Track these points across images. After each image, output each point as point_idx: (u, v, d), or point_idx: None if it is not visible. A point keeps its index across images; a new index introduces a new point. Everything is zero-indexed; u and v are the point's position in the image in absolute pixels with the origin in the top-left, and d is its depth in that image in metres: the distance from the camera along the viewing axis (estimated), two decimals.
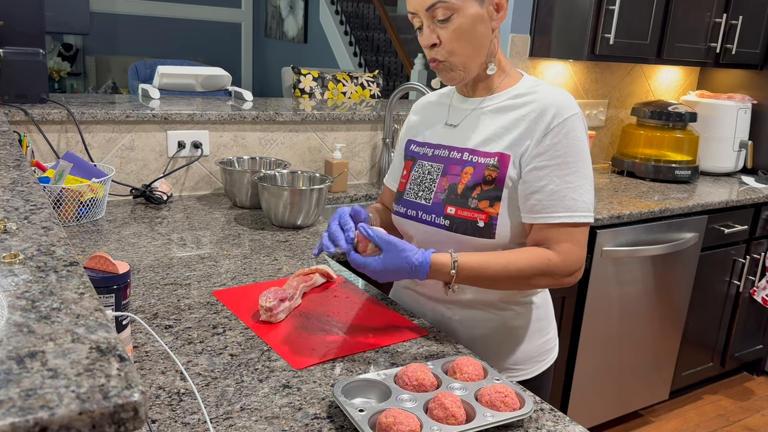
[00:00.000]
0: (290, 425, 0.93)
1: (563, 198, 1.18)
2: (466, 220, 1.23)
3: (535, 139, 1.20)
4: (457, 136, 1.31)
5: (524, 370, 1.36)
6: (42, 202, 0.86)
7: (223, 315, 1.27)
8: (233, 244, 1.69)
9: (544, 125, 1.19)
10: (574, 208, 1.18)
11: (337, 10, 6.67)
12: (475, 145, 1.27)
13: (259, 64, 8.13)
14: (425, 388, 0.99)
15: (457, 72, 1.24)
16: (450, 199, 1.26)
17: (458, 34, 1.19)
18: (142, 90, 2.45)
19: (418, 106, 1.47)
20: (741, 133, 3.15)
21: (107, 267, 1.01)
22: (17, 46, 1.88)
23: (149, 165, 2.08)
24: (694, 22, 2.87)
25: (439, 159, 1.32)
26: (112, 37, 7.25)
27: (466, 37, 1.20)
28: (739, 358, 3.19)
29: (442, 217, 1.26)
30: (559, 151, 1.18)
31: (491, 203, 1.22)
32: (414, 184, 1.34)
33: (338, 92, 3.90)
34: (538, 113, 1.20)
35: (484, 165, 1.24)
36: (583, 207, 1.19)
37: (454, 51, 1.21)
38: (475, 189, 1.23)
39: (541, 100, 1.22)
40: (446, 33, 1.19)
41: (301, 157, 2.35)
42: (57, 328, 0.53)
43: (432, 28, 1.20)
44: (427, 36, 1.20)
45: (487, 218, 1.22)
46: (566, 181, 1.18)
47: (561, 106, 1.20)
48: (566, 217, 1.18)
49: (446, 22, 1.18)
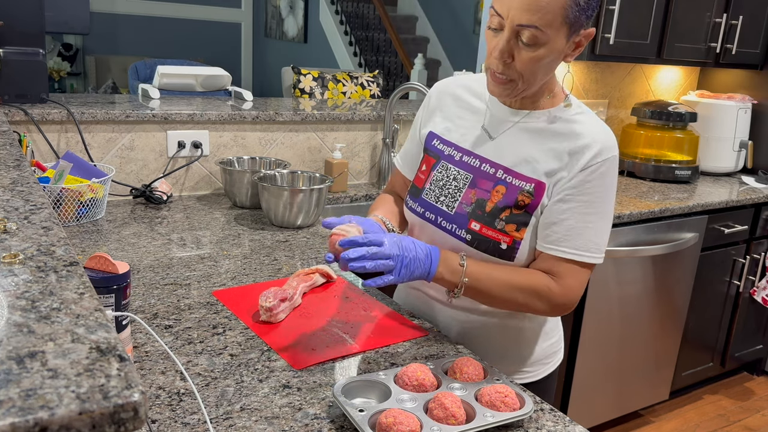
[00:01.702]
0: (290, 425, 0.93)
1: (579, 236, 1.16)
2: (490, 239, 1.20)
3: (572, 172, 1.17)
4: (492, 149, 1.24)
5: (530, 373, 1.35)
6: (42, 202, 0.86)
7: (223, 315, 1.27)
8: (233, 244, 1.69)
9: (584, 161, 1.16)
10: (586, 248, 1.17)
11: (337, 10, 6.67)
12: (512, 164, 1.21)
13: (259, 64, 8.13)
14: (425, 388, 0.99)
15: (516, 91, 1.16)
16: (476, 214, 1.21)
17: (536, 63, 1.11)
18: (142, 90, 2.45)
19: (441, 92, 1.36)
20: (741, 133, 3.15)
21: (107, 267, 1.01)
22: (17, 46, 1.88)
23: (149, 165, 2.08)
24: (694, 22, 2.87)
25: (469, 168, 1.25)
26: (112, 37, 7.25)
27: (542, 68, 1.13)
28: (739, 358, 3.19)
29: (464, 231, 1.22)
30: (589, 190, 1.16)
31: (518, 228, 1.19)
32: (435, 186, 1.28)
33: (338, 92, 3.90)
34: (582, 147, 1.16)
35: (518, 189, 1.19)
36: (595, 248, 1.18)
37: (524, 76, 1.13)
38: (504, 211, 1.20)
39: (588, 136, 1.17)
40: (524, 56, 1.10)
41: (301, 157, 2.35)
42: (57, 328, 0.53)
43: (511, 43, 1.09)
44: (502, 49, 1.10)
45: (510, 242, 1.19)
46: (587, 221, 1.17)
47: (605, 146, 1.17)
48: (577, 255, 1.17)
49: (529, 48, 1.09)
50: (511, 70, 1.12)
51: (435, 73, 6.62)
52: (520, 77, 1.13)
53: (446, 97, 1.34)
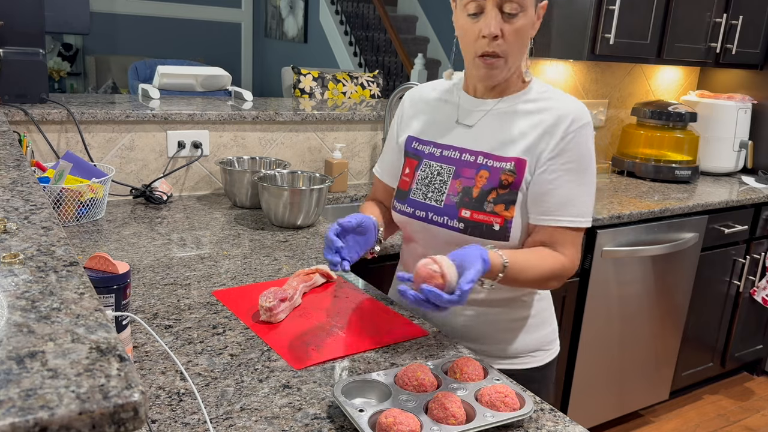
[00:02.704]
0: (290, 425, 0.93)
1: (571, 203, 1.22)
2: (482, 223, 1.24)
3: (551, 144, 1.22)
4: (470, 138, 1.30)
5: (533, 358, 1.38)
6: (42, 202, 0.86)
7: (223, 315, 1.27)
8: (233, 244, 1.69)
9: (560, 132, 1.22)
10: (579, 214, 1.23)
11: (337, 10, 6.67)
12: (491, 149, 1.27)
13: (259, 64, 8.13)
14: (425, 388, 0.99)
15: (504, 69, 1.23)
16: (464, 202, 1.26)
17: (519, 34, 1.19)
18: (142, 90, 2.45)
19: (413, 99, 1.43)
20: (741, 133, 3.15)
21: (107, 267, 1.01)
22: (17, 46, 1.88)
23: (149, 165, 2.08)
24: (694, 22, 2.87)
25: (450, 160, 1.30)
26: (112, 37, 7.25)
27: (522, 38, 1.20)
28: (739, 358, 3.19)
29: (456, 220, 1.26)
30: (571, 158, 1.22)
31: (506, 207, 1.23)
32: (421, 184, 1.32)
33: (338, 92, 3.90)
34: (555, 119, 1.23)
35: (500, 169, 1.24)
36: (586, 213, 1.24)
37: (512, 49, 1.20)
38: (491, 193, 1.24)
39: (558, 108, 1.24)
40: (510, 29, 1.18)
41: (301, 157, 2.35)
42: (57, 328, 0.53)
43: (498, 19, 1.17)
44: (495, 25, 1.16)
45: (502, 222, 1.23)
46: (574, 187, 1.22)
47: (577, 115, 1.23)
48: (572, 222, 1.23)
49: (513, 18, 1.17)
50: (501, 47, 1.18)
51: (435, 73, 6.62)
52: (507, 53, 1.20)
53: (418, 103, 1.41)
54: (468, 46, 1.23)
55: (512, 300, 1.34)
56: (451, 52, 1.38)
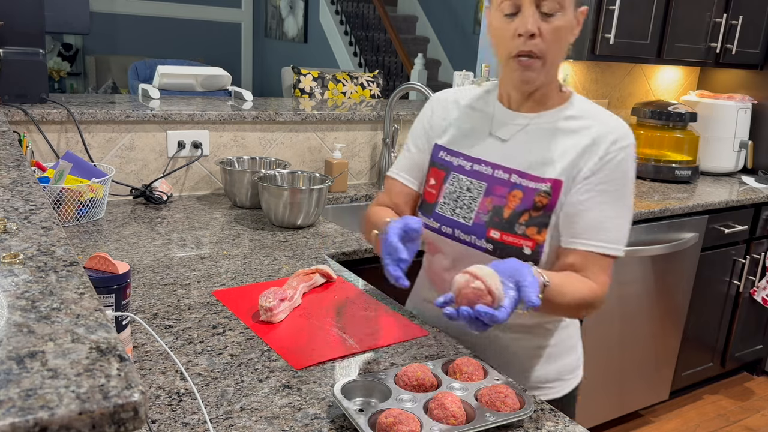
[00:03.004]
0: (290, 425, 0.93)
1: (604, 227, 1.15)
2: (511, 246, 1.17)
3: (589, 163, 1.16)
4: (503, 153, 1.22)
5: (554, 389, 1.31)
6: (42, 202, 0.86)
7: (223, 315, 1.27)
8: (233, 244, 1.69)
9: (601, 151, 1.16)
10: (612, 240, 1.15)
11: (337, 10, 6.67)
12: (526, 168, 1.19)
13: (259, 64, 8.13)
14: (425, 388, 0.99)
15: (541, 73, 1.15)
16: (494, 222, 1.19)
17: (557, 35, 1.12)
18: (142, 90, 2.45)
19: (443, 102, 1.34)
20: (741, 133, 3.15)
21: (107, 267, 1.01)
22: (17, 46, 1.88)
23: (149, 165, 2.08)
24: (694, 22, 2.87)
25: (481, 176, 1.23)
26: (112, 37, 7.25)
27: (561, 40, 1.14)
28: (739, 358, 3.19)
29: (484, 240, 1.19)
30: (609, 179, 1.15)
31: (539, 230, 1.17)
32: (449, 198, 1.25)
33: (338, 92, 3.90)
34: (596, 138, 1.16)
35: (535, 190, 1.17)
36: (619, 240, 1.16)
37: (550, 50, 1.13)
38: (523, 215, 1.17)
39: (601, 126, 1.18)
40: (548, 29, 1.11)
41: (301, 157, 2.35)
42: (57, 328, 0.53)
43: (535, 17, 1.10)
44: (531, 22, 1.10)
45: (534, 245, 1.16)
46: (609, 211, 1.15)
47: (620, 134, 1.17)
48: (604, 248, 1.15)
49: (550, 17, 1.11)
50: (538, 46, 1.11)
51: (435, 73, 6.62)
52: (545, 53, 1.12)
53: (449, 108, 1.32)
54: (502, 47, 1.16)
55: (535, 326, 1.27)
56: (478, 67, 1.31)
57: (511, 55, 1.14)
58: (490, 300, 0.96)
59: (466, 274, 0.99)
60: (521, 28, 1.11)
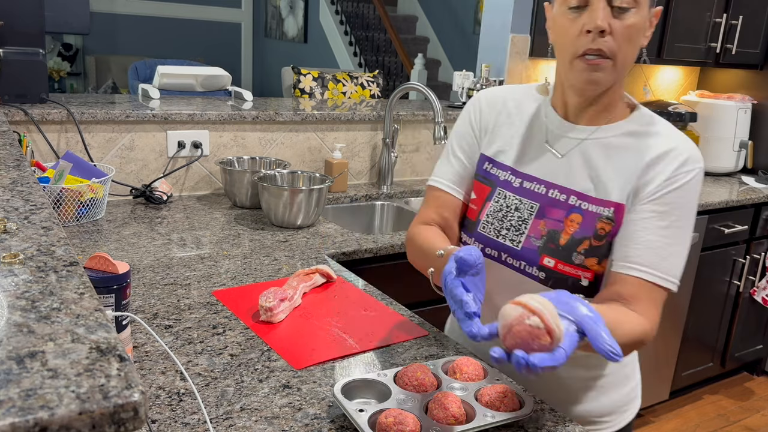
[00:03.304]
0: (290, 425, 0.93)
1: (660, 255, 1.02)
2: (567, 276, 1.06)
3: (652, 185, 1.04)
4: (560, 171, 1.09)
5: (608, 423, 1.20)
6: (42, 202, 0.86)
7: (223, 315, 1.27)
8: (233, 244, 1.69)
9: (669, 170, 1.03)
10: (668, 271, 1.02)
11: (337, 10, 6.67)
12: (586, 189, 1.07)
13: (259, 64, 8.13)
14: (425, 388, 0.99)
15: (610, 75, 1.02)
16: (548, 248, 1.07)
17: (630, 33, 1.00)
18: (142, 90, 2.45)
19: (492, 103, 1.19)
20: (741, 133, 3.15)
21: (107, 267, 1.01)
22: (17, 46, 1.88)
23: (149, 165, 2.08)
24: (694, 22, 2.87)
25: (533, 195, 1.10)
26: (112, 37, 7.25)
27: (633, 40, 1.02)
28: (739, 358, 3.19)
29: (536, 268, 1.08)
30: (672, 202, 1.03)
31: (599, 261, 1.05)
32: (493, 218, 1.13)
33: (338, 92, 3.90)
34: (661, 156, 1.04)
35: (596, 215, 1.05)
36: (675, 273, 1.03)
37: (621, 49, 1.00)
38: (582, 243, 1.05)
39: (670, 145, 1.05)
40: (620, 26, 0.99)
41: (301, 157, 2.35)
42: (57, 328, 0.53)
43: (606, 12, 0.99)
44: (602, 17, 0.98)
45: (592, 277, 1.05)
46: (668, 237, 1.02)
47: (689, 156, 1.04)
48: (661, 279, 1.02)
49: (624, 13, 0.99)
50: (607, 44, 0.99)
51: (435, 73, 6.62)
52: (615, 53, 1.00)
53: (499, 110, 1.18)
54: (566, 46, 1.03)
55: (585, 356, 1.14)
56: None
57: (577, 54, 1.01)
58: (549, 342, 0.79)
59: (518, 305, 0.81)
60: (590, 24, 0.99)
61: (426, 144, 2.63)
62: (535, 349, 0.78)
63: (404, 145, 2.58)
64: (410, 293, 1.76)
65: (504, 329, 0.81)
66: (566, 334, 0.81)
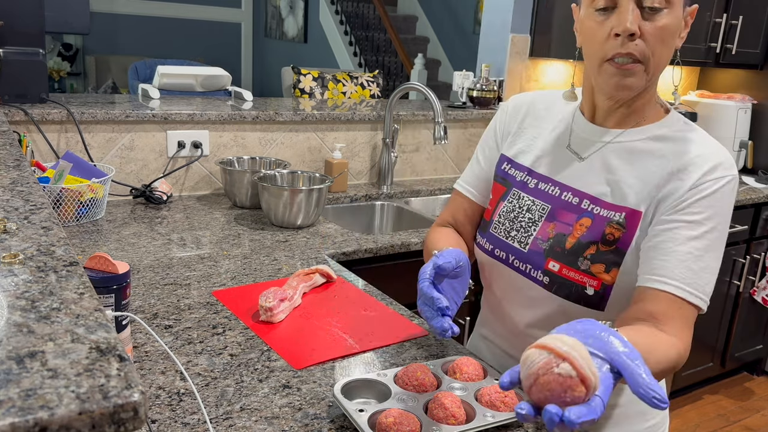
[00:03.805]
0: (290, 425, 0.93)
1: (691, 269, 0.94)
2: (572, 282, 1.02)
3: (677, 193, 0.97)
4: (577, 174, 1.06)
5: None
6: (42, 202, 0.86)
7: (223, 315, 1.27)
8: (233, 244, 1.69)
9: (696, 176, 0.96)
10: (701, 288, 0.94)
11: (337, 10, 6.67)
12: (601, 193, 1.03)
13: (259, 64, 8.13)
14: (425, 388, 0.99)
15: (642, 79, 0.97)
16: (554, 252, 1.03)
17: (663, 35, 0.95)
18: (142, 90, 2.45)
19: (518, 106, 1.17)
20: (741, 133, 3.15)
21: (107, 267, 1.01)
22: (17, 45, 1.88)
23: (149, 165, 2.08)
24: (694, 22, 2.87)
25: (546, 197, 1.07)
26: (112, 37, 7.25)
27: (666, 42, 0.96)
28: (739, 358, 3.19)
29: (541, 272, 1.05)
30: (703, 211, 0.95)
31: (607, 268, 0.99)
32: (506, 219, 1.11)
33: (338, 92, 3.90)
34: (688, 162, 0.98)
35: (606, 220, 1.01)
36: (706, 291, 0.95)
37: (654, 52, 0.95)
38: (589, 247, 1.01)
39: (696, 150, 0.99)
40: (652, 28, 0.94)
41: (301, 157, 2.35)
42: (57, 328, 0.53)
43: (636, 14, 0.93)
44: (631, 20, 0.93)
45: (599, 286, 1.00)
46: (700, 249, 0.94)
47: (719, 162, 0.97)
48: (690, 294, 0.94)
49: (655, 14, 0.94)
50: (638, 48, 0.94)
51: (435, 73, 6.62)
52: (646, 57, 0.95)
53: (523, 112, 1.17)
54: (594, 50, 0.98)
55: None
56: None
57: (606, 58, 0.96)
58: (584, 392, 0.66)
59: (543, 350, 0.68)
60: (619, 27, 0.94)
61: (426, 144, 2.63)
62: (568, 402, 0.66)
63: (404, 145, 2.58)
64: (410, 293, 1.76)
65: (529, 379, 0.68)
66: (603, 380, 0.69)
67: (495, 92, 2.80)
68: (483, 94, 2.78)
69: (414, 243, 1.84)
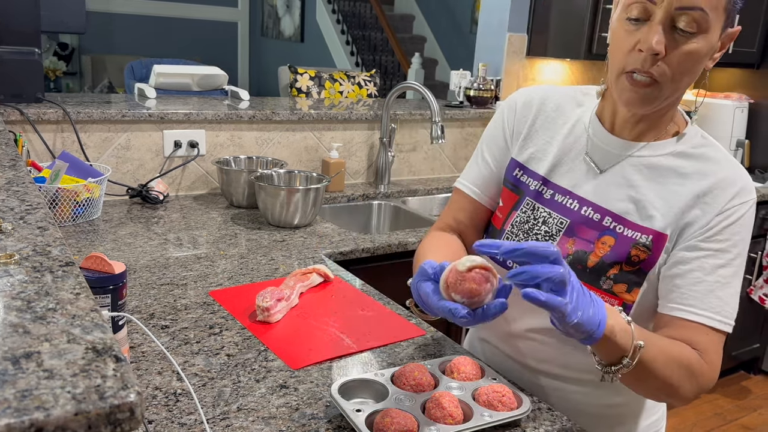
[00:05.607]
0: (287, 425, 0.93)
1: (717, 296, 0.94)
2: None
3: (703, 219, 0.96)
4: (597, 188, 1.01)
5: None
6: (38, 202, 0.85)
7: (220, 315, 1.26)
8: (230, 243, 1.68)
9: (721, 202, 0.95)
10: (723, 312, 0.94)
11: (334, 9, 6.67)
12: (625, 211, 0.99)
13: (255, 64, 8.12)
14: (422, 388, 0.99)
15: (655, 101, 0.94)
16: (576, 269, 0.98)
17: (689, 60, 0.90)
18: (138, 89, 2.44)
19: (528, 103, 1.10)
20: (738, 132, 3.16)
21: (103, 267, 1.01)
22: (13, 45, 1.88)
23: (145, 165, 2.08)
24: None
25: (564, 210, 1.03)
26: (108, 37, 7.24)
27: (692, 67, 0.91)
28: (736, 357, 3.20)
29: None
30: (727, 239, 0.95)
31: (629, 288, 0.98)
32: (519, 229, 1.06)
33: (335, 91, 3.90)
34: (713, 187, 0.96)
35: (632, 241, 0.98)
36: (730, 314, 0.94)
37: (674, 77, 0.91)
38: (612, 267, 0.98)
39: (720, 173, 0.97)
40: (677, 52, 0.89)
41: (298, 156, 2.35)
42: (53, 329, 0.52)
43: (664, 34, 0.89)
44: (657, 39, 0.88)
45: (620, 304, 0.98)
46: (724, 276, 0.94)
47: (743, 186, 0.96)
48: (718, 321, 0.93)
49: (687, 37, 0.89)
50: (659, 69, 0.90)
51: (432, 72, 6.62)
52: (667, 79, 0.91)
53: (534, 111, 1.10)
54: (618, 59, 0.94)
55: (598, 382, 0.98)
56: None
57: (625, 70, 0.93)
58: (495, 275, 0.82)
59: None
60: (644, 43, 0.89)
61: (423, 143, 2.63)
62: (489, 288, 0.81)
63: (401, 144, 2.58)
64: (407, 293, 1.76)
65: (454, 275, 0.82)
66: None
67: (492, 91, 2.80)
68: (480, 94, 2.78)
69: (411, 242, 1.84)
